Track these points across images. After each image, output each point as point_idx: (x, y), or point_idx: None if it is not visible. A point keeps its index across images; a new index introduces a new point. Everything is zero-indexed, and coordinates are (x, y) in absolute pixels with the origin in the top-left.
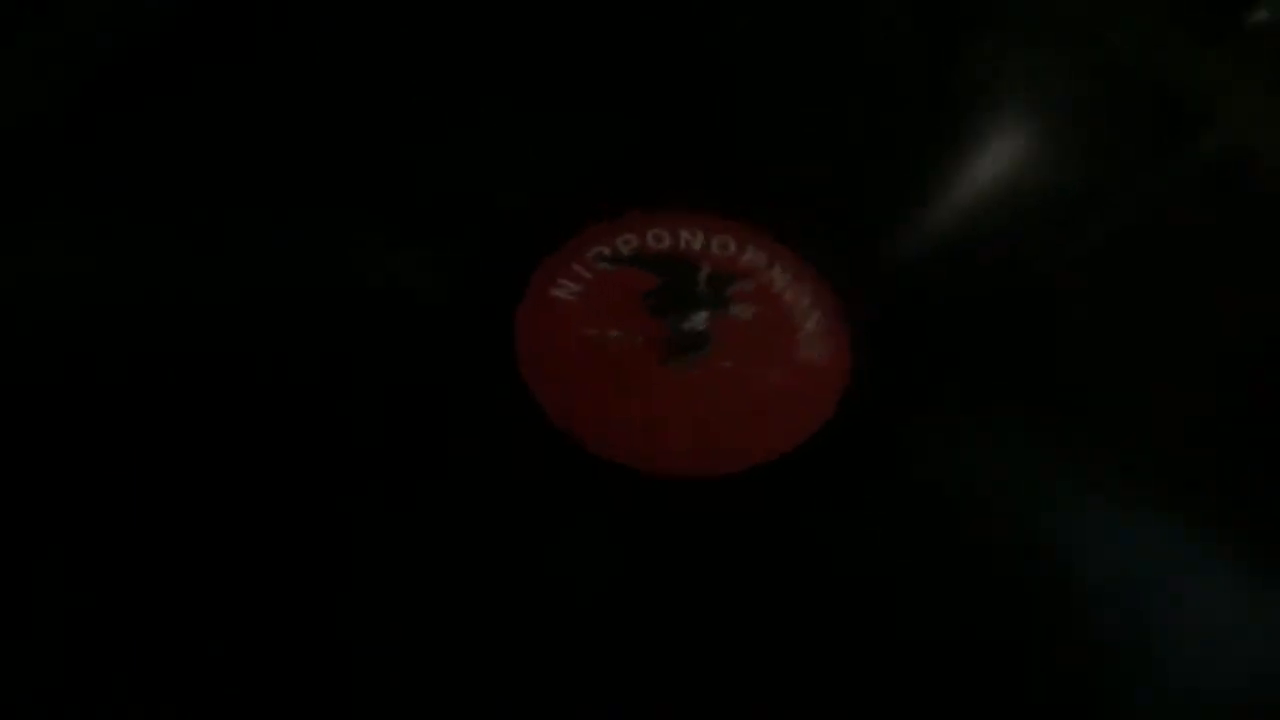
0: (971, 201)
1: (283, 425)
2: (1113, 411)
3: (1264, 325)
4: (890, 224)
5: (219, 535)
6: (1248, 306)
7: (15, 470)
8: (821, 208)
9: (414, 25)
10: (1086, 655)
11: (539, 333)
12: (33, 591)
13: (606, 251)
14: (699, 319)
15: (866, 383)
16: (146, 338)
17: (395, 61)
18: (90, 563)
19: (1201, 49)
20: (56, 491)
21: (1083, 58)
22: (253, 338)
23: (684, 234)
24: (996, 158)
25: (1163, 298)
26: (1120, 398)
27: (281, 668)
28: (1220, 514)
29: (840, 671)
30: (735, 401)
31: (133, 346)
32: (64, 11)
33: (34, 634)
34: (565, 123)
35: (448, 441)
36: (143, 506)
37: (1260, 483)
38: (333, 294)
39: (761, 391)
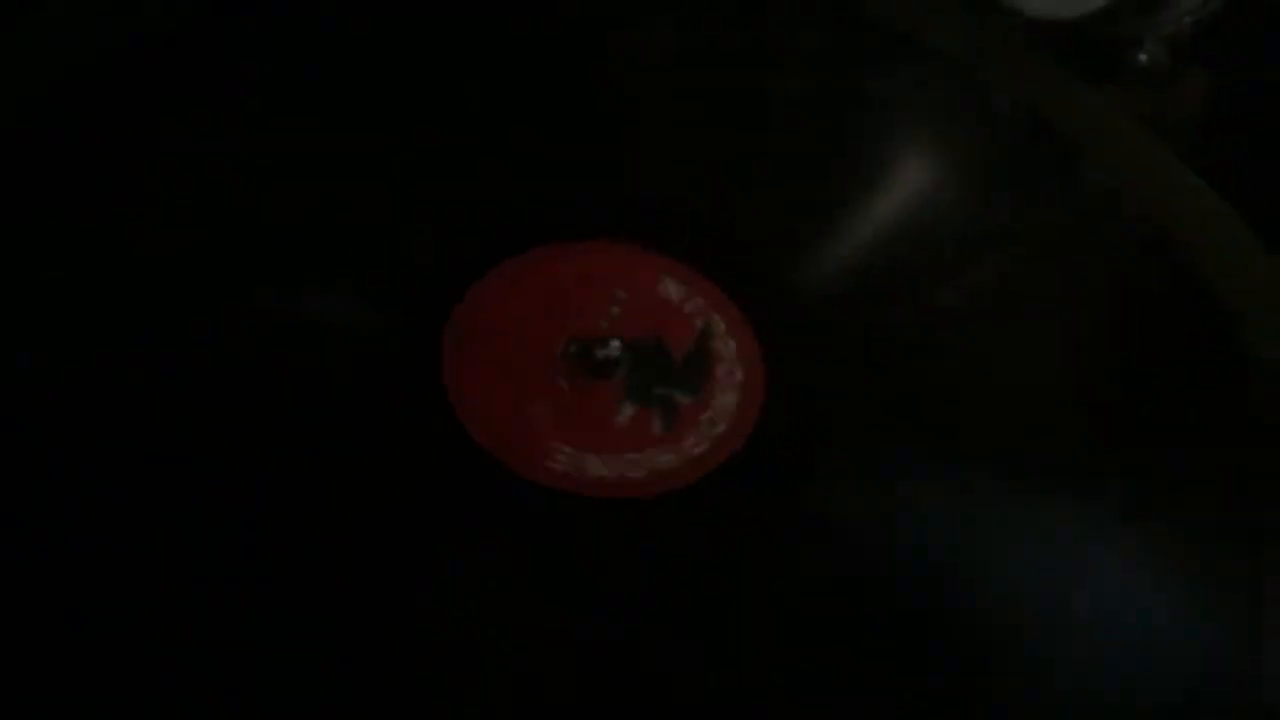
0: (872, 235)
1: (214, 448)
2: (997, 430)
3: (1132, 350)
4: (797, 257)
5: (144, 560)
6: (1122, 333)
7: None
8: (735, 241)
9: (337, 66)
10: (979, 665)
11: (462, 358)
12: None
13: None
14: (613, 346)
15: (778, 412)
16: (75, 365)
17: (321, 102)
18: None
19: (1086, 91)
20: None
21: (974, 100)
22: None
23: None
24: (896, 193)
25: (1043, 326)
26: (1003, 417)
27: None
28: (1108, 533)
29: (728, 694)
30: (647, 428)
31: (56, 374)
32: None
33: None
34: (487, 158)
35: (374, 459)
36: (69, 537)
37: (1143, 494)
38: (263, 323)
39: (676, 418)
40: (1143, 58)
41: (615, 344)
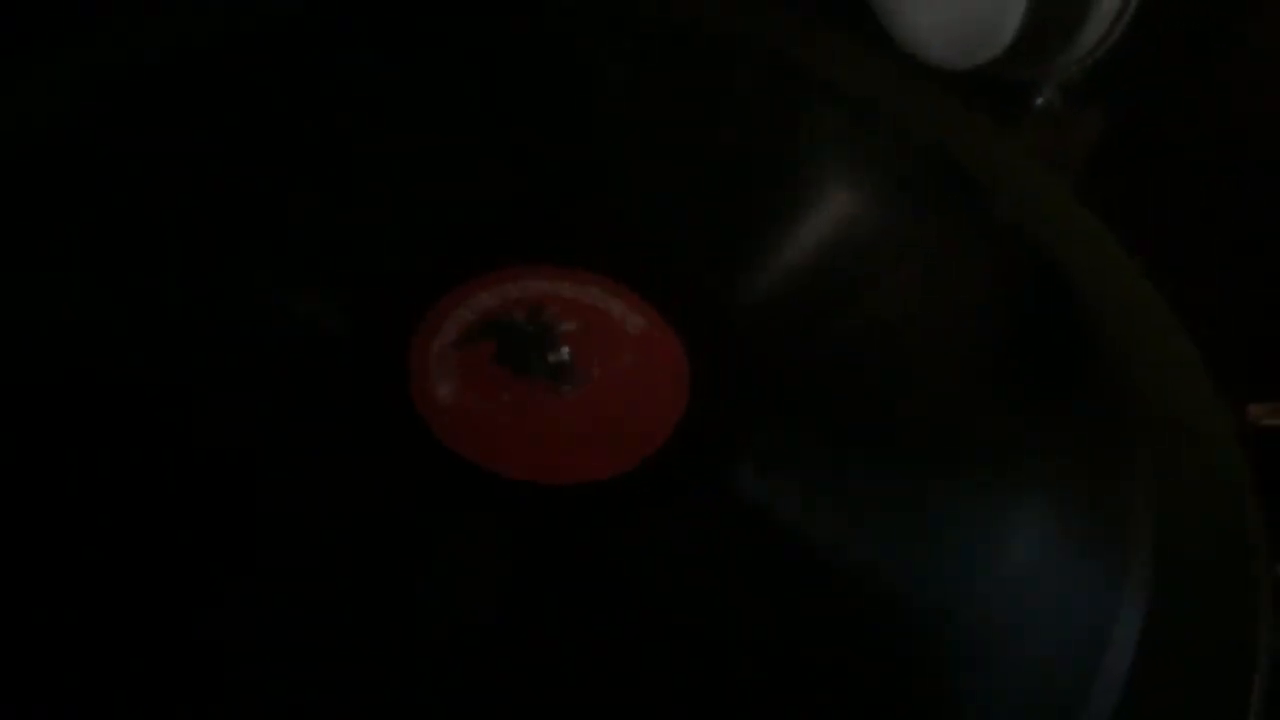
0: (799, 258)
1: (179, 446)
2: (902, 420)
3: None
4: (729, 272)
5: (113, 558)
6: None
7: None
8: (672, 261)
9: (320, 86)
10: (905, 655)
11: (427, 365)
12: None
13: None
14: (562, 353)
15: (700, 414)
16: (48, 365)
17: (304, 120)
18: None
19: (994, 132)
20: None
21: (895, 140)
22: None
23: (542, 286)
24: (821, 221)
25: (941, 331)
26: (906, 409)
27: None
28: (1009, 511)
29: (655, 682)
30: (582, 425)
31: (34, 373)
32: None
33: None
34: (450, 183)
35: (343, 459)
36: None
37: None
38: (237, 329)
39: (606, 417)
40: (1039, 101)
41: (565, 350)
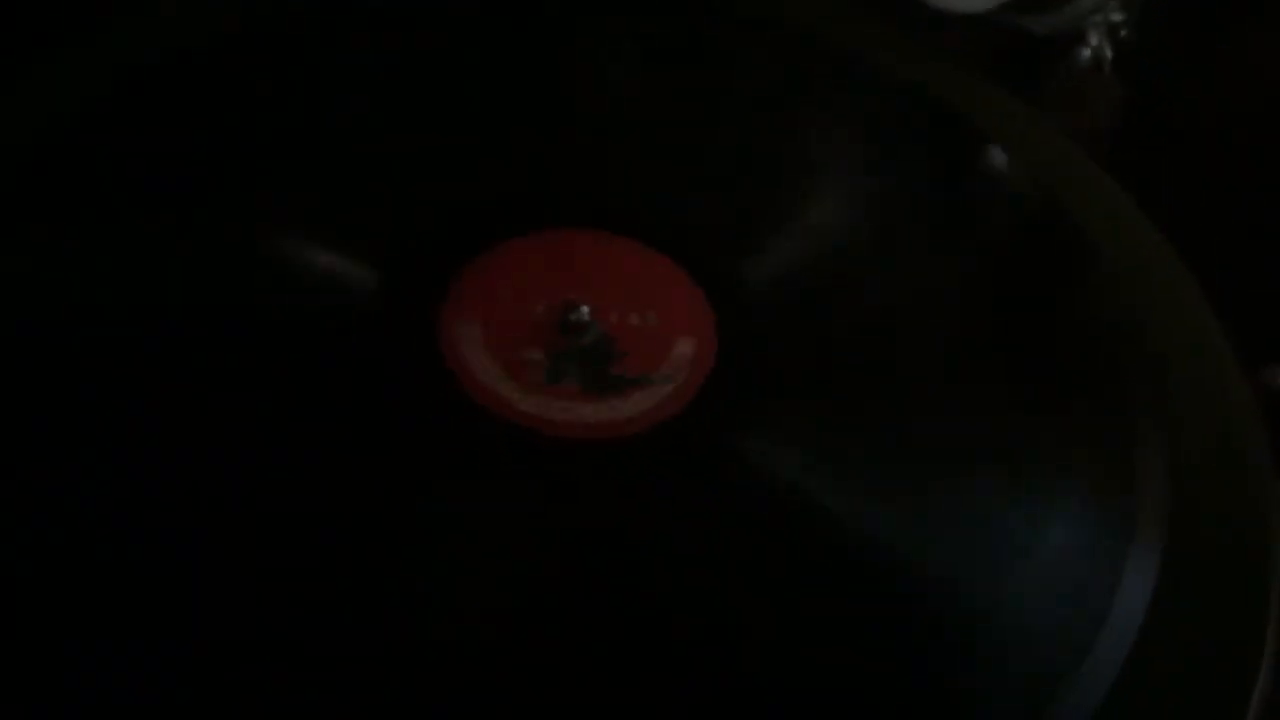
0: (816, 222)
1: (221, 408)
2: (915, 401)
3: (1047, 324)
4: (755, 249)
5: (161, 519)
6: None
7: None
8: (704, 232)
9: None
10: (909, 625)
11: (460, 321)
12: None
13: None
14: (583, 311)
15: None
16: (82, 334)
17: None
18: None
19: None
20: None
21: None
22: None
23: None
24: (835, 189)
25: (963, 305)
26: (918, 378)
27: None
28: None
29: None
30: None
31: (67, 342)
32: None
33: None
34: (489, 147)
35: (378, 419)
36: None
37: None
38: (271, 288)
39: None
40: (1086, 53)
41: (585, 309)
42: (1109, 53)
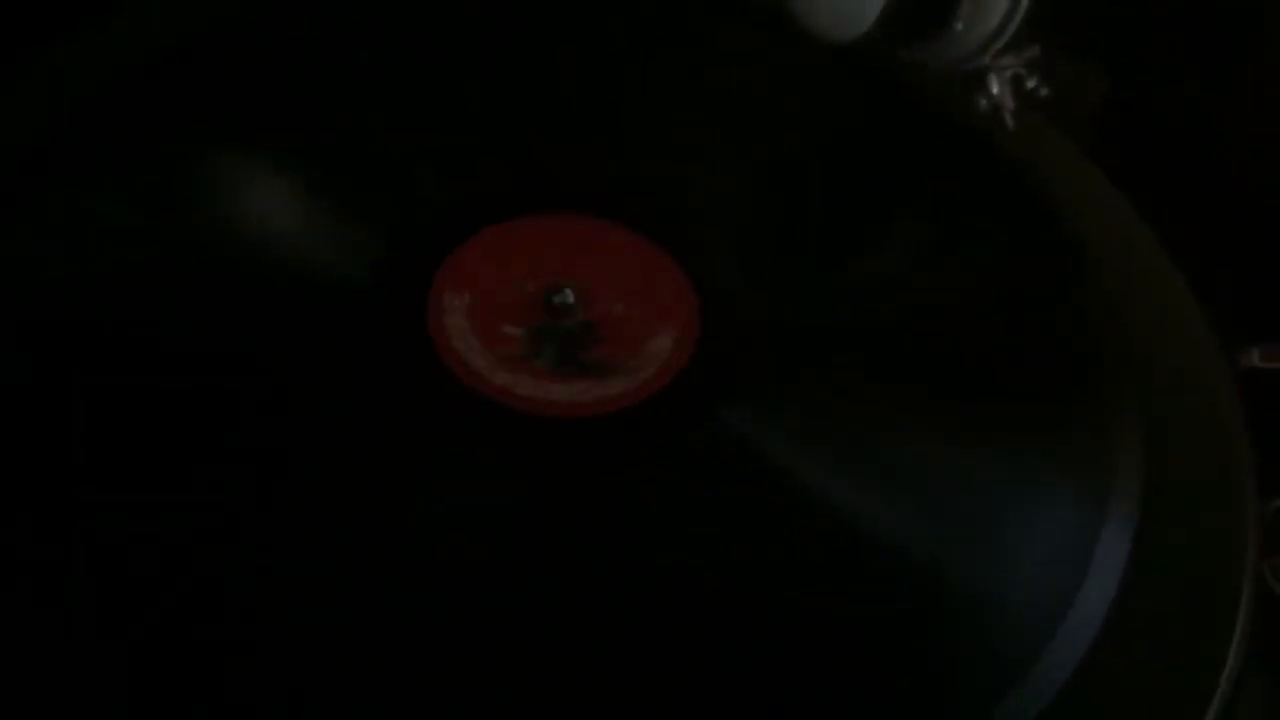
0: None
1: (217, 390)
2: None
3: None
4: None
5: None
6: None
7: None
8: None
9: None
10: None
11: (447, 306)
12: None
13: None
14: (566, 293)
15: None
16: (78, 315)
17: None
18: None
19: None
20: None
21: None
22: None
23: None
24: (833, 176)
25: (948, 285)
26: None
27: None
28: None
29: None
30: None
31: (66, 323)
32: None
33: None
34: (486, 134)
35: (368, 396)
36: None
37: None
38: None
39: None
40: (983, 102)
41: (568, 291)
42: (1011, 104)
